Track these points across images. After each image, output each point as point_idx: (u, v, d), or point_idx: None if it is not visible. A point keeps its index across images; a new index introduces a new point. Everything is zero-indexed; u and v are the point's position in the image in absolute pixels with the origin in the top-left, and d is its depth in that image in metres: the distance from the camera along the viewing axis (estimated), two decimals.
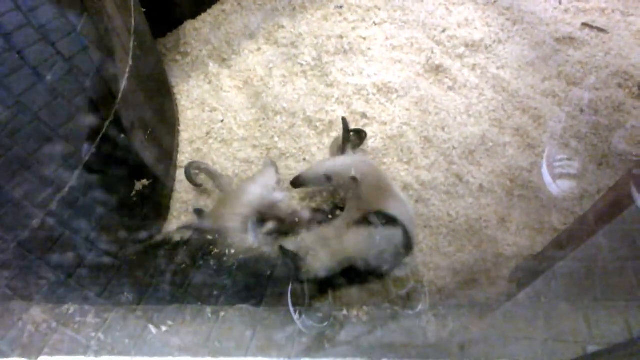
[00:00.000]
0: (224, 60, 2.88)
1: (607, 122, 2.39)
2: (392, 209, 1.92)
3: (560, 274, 1.95)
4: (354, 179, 1.95)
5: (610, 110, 2.43)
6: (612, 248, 1.98)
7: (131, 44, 1.76)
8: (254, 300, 1.69)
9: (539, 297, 1.87)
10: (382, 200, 1.95)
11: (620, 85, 2.53)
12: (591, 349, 1.69)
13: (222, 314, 1.42)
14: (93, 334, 1.31)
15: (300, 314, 1.69)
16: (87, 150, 1.52)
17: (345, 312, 1.74)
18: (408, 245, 1.92)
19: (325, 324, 1.68)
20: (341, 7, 3.02)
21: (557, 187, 2.23)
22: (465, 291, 2.03)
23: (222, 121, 2.60)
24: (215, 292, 1.62)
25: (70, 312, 1.34)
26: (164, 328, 1.37)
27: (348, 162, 2.06)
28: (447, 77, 2.65)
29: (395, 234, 1.87)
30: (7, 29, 1.13)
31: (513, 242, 2.09)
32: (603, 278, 1.87)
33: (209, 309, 1.42)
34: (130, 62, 1.72)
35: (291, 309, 1.70)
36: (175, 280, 1.64)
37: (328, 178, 2.09)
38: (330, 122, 2.49)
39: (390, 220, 1.89)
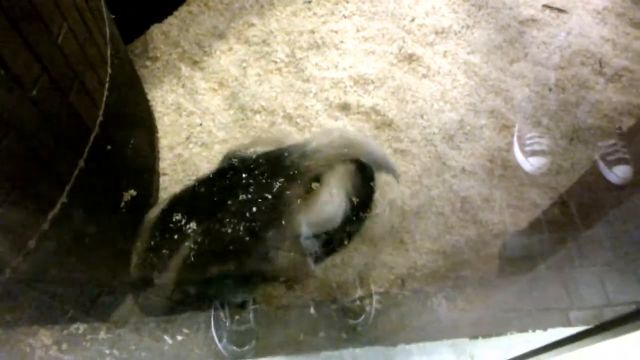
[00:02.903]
0: (195, 62, 2.83)
1: (574, 99, 2.51)
2: None
3: (544, 248, 2.07)
4: None
5: (577, 88, 2.55)
6: (588, 220, 2.11)
7: (108, 52, 1.71)
8: None
9: (527, 270, 1.97)
10: None
11: (583, 63, 2.65)
12: (573, 315, 1.81)
13: (236, 317, 1.43)
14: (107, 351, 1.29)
15: (221, 339, 1.55)
16: (76, 166, 1.48)
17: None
18: None
19: (247, 347, 1.54)
20: (309, 1, 3.02)
21: (530, 165, 2.33)
22: (457, 272, 2.10)
23: (200, 124, 2.57)
24: None
25: (80, 331, 1.31)
26: (179, 337, 1.37)
27: None
28: (420, 65, 2.71)
29: None
30: None
31: (498, 220, 2.18)
32: (581, 248, 1.99)
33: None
34: (110, 71, 1.68)
35: (214, 333, 1.56)
36: None
37: None
38: (311, 118, 2.50)
39: None
